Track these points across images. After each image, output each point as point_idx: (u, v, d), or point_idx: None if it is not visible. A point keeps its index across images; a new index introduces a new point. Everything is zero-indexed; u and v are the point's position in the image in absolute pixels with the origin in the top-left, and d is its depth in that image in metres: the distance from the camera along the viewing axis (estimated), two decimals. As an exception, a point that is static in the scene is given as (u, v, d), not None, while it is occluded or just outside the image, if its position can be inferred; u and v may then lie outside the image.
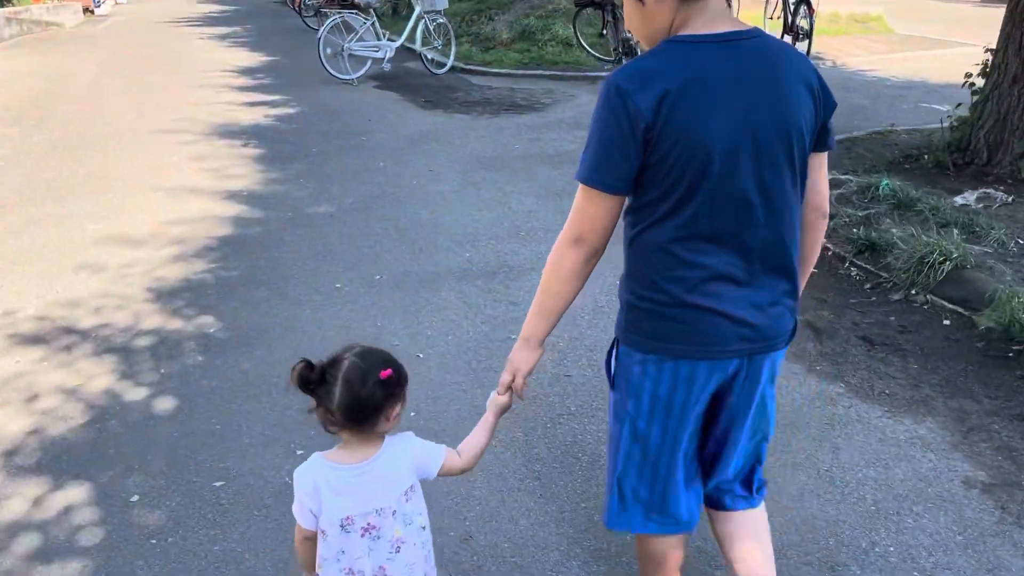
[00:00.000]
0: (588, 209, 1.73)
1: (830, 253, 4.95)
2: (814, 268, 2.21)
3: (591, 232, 1.74)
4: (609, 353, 1.94)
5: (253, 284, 4.77)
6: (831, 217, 5.12)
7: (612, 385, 1.94)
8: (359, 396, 1.72)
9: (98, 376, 3.82)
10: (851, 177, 5.84)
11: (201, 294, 4.64)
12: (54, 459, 3.22)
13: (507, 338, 4.06)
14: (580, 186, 1.74)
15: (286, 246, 5.32)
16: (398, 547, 1.82)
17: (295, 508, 1.83)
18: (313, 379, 1.74)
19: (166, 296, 4.62)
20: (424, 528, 1.89)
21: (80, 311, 4.45)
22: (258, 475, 3.11)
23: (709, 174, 1.64)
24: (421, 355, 3.97)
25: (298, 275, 4.89)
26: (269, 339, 4.15)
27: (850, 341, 4.01)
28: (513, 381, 1.98)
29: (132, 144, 7.72)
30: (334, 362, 1.76)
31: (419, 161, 7.09)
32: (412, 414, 3.46)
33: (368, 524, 1.78)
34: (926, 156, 6.33)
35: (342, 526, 1.77)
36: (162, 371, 3.86)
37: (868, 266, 4.70)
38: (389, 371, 1.74)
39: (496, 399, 2.03)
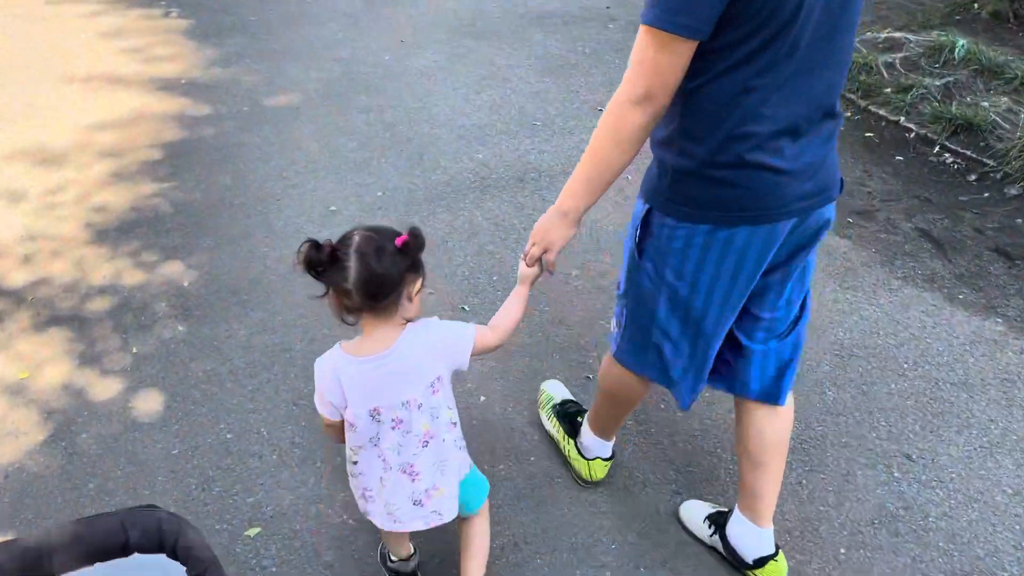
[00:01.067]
0: (661, 60, 1.46)
1: (913, 135, 4.20)
2: (899, 156, 2.38)
3: (662, 87, 1.48)
4: (638, 222, 1.74)
5: (223, 210, 3.78)
6: (907, 89, 4.36)
7: (640, 255, 1.75)
8: (376, 268, 1.58)
9: (48, 363, 2.89)
10: (908, 36, 5.02)
11: (159, 229, 3.65)
12: (16, 503, 2.37)
13: (566, 281, 3.25)
14: (647, 33, 1.45)
15: (252, 153, 4.29)
16: (426, 442, 1.73)
17: (316, 398, 1.75)
18: (323, 260, 1.59)
19: (114, 234, 3.61)
20: (455, 424, 1.80)
21: (5, 262, 3.43)
22: (303, 514, 2.31)
23: (802, 7, 1.42)
24: (466, 307, 3.13)
25: (277, 194, 3.91)
26: (265, 292, 3.24)
27: (982, 256, 3.33)
28: (544, 255, 1.81)
29: (22, 19, 6.30)
30: (344, 239, 1.62)
31: (384, 29, 5.95)
32: (482, 398, 2.67)
33: (396, 418, 1.68)
34: (976, 4, 5.52)
35: (371, 415, 1.68)
36: (134, 351, 2.94)
37: (967, 151, 3.98)
38: (404, 237, 1.61)
39: (526, 271, 1.87)
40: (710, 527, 2.15)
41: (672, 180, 1.62)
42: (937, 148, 4.08)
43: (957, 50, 4.62)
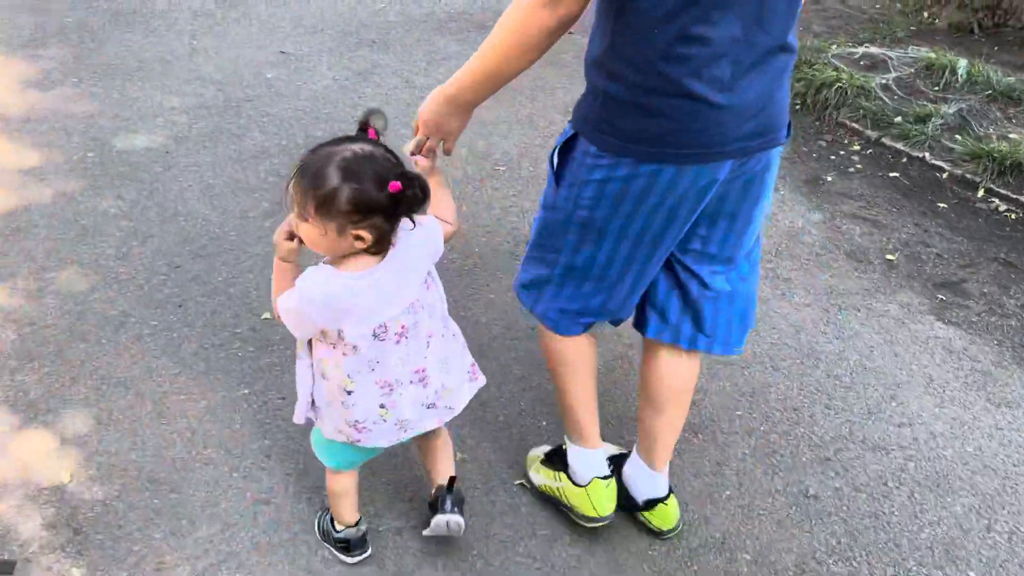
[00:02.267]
0: None
1: (946, 175, 3.59)
2: (940, 203, 2.71)
3: None
4: (560, 147, 1.61)
5: (98, 328, 2.53)
6: (923, 119, 3.78)
7: (557, 182, 1.64)
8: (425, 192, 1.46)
9: None
10: (887, 52, 4.44)
11: (1, 369, 2.36)
12: None
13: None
14: None
15: (118, 227, 3.01)
16: (428, 341, 1.62)
17: (287, 316, 1.55)
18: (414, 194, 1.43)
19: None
20: (447, 319, 1.70)
21: None
22: None
23: None
24: (495, 489, 2.13)
25: (176, 296, 2.69)
26: (198, 482, 2.08)
27: (1118, 344, 2.72)
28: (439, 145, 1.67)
29: None
30: (400, 175, 1.42)
31: (253, 35, 4.68)
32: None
33: (402, 327, 1.56)
34: (926, 13, 5.07)
35: (375, 336, 1.53)
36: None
37: (1020, 196, 3.41)
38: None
39: (425, 163, 1.65)
40: (608, 466, 2.01)
41: (602, 106, 1.49)
42: (981, 192, 3.48)
43: (959, 71, 4.07)
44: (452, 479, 1.84)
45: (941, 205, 3.44)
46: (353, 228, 1.43)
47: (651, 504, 1.97)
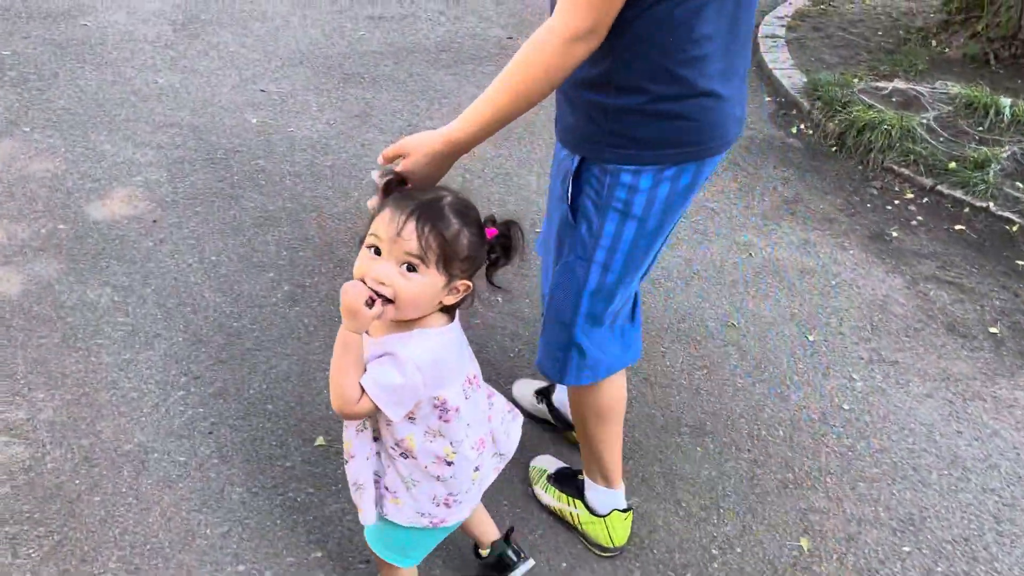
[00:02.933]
0: None
1: (1016, 227, 3.35)
2: (1018, 260, 2.85)
3: (607, 20, 1.30)
4: (569, 178, 1.53)
5: (85, 473, 2.03)
6: (981, 165, 3.54)
7: (574, 218, 1.55)
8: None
9: None
10: (917, 88, 4.20)
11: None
12: None
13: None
14: None
15: (113, 330, 2.49)
16: (479, 384, 1.50)
17: (392, 397, 1.30)
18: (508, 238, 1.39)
19: None
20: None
21: None
22: None
23: None
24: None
25: (186, 421, 2.21)
26: None
27: None
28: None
29: None
30: (490, 220, 1.36)
31: (224, 71, 4.15)
32: None
33: (474, 377, 1.45)
34: (934, 42, 4.88)
35: (465, 395, 1.41)
36: None
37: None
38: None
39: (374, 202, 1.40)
40: (538, 399, 2.13)
41: (612, 122, 1.44)
42: (1064, 249, 3.26)
43: (1004, 110, 3.85)
44: (510, 530, 1.82)
45: (1020, 263, 3.19)
46: (460, 279, 1.31)
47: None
